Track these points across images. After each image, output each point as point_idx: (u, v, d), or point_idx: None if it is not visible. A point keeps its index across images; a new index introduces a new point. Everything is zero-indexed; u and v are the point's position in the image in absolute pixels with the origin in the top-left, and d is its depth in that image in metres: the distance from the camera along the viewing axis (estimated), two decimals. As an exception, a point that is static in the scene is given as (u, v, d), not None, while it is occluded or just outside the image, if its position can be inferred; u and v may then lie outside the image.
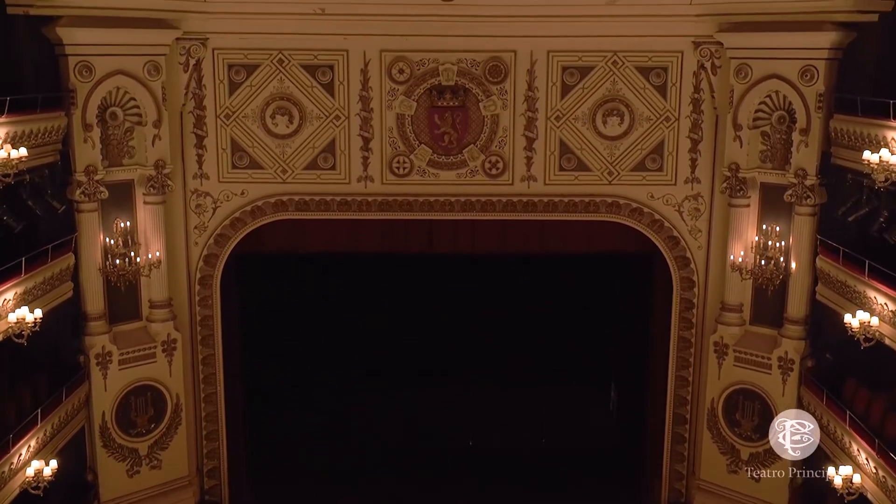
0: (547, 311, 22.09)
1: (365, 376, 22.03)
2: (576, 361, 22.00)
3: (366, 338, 22.08)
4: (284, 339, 21.27)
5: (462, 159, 17.25)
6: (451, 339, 21.98)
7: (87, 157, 15.61)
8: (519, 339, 22.37)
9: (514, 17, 16.18)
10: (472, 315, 21.97)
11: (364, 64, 16.77)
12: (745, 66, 15.98)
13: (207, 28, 16.39)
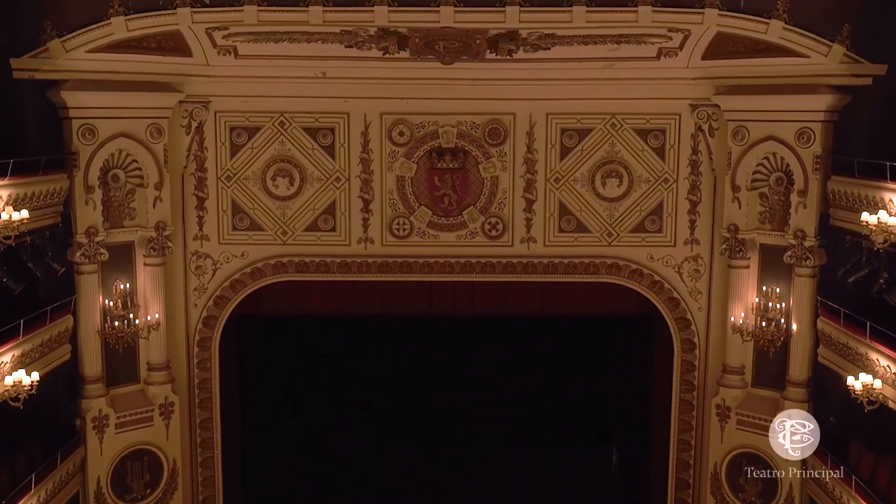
0: (546, 373, 21.92)
1: (364, 438, 21.77)
2: (576, 424, 21.75)
3: (365, 399, 21.88)
4: (284, 401, 21.06)
5: (462, 221, 17.31)
6: (451, 400, 21.78)
7: (88, 218, 15.66)
8: (518, 401, 22.17)
9: (513, 80, 16.38)
10: (472, 376, 21.80)
11: (365, 126, 16.93)
12: (743, 129, 16.12)
13: (210, 91, 16.58)
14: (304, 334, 20.38)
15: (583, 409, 21.74)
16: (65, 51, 14.54)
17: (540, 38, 15.33)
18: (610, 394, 21.33)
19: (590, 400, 21.55)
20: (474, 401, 21.93)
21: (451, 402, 21.82)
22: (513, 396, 22.20)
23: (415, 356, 21.48)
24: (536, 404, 22.18)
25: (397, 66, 16.08)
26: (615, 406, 21.37)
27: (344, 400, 21.86)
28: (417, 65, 16.02)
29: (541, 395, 22.14)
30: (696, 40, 15.34)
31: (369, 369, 21.79)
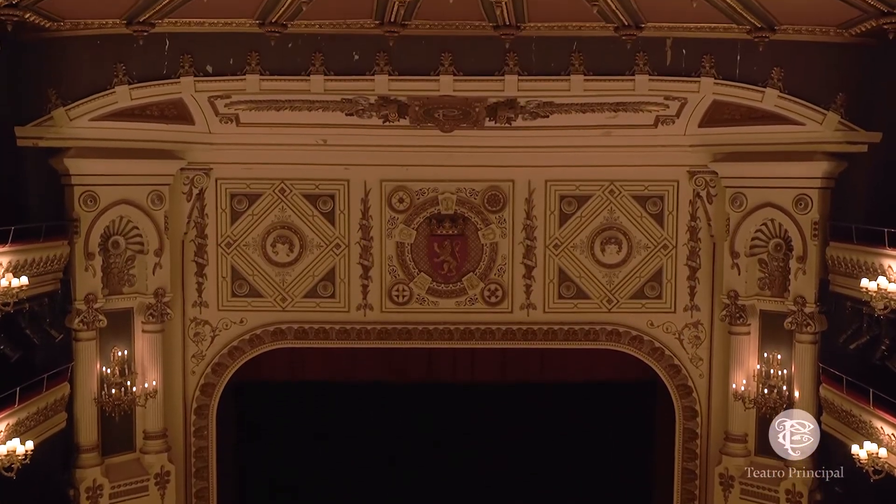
0: (546, 440, 21.62)
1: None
2: (577, 492, 21.38)
3: (364, 467, 21.54)
4: (282, 468, 20.73)
5: (461, 287, 17.29)
6: (450, 468, 21.44)
7: (87, 285, 15.63)
8: (518, 468, 21.80)
9: (512, 147, 16.54)
10: (471, 444, 21.49)
11: (365, 193, 17.04)
12: (740, 195, 16.22)
13: (211, 158, 16.73)
14: (303, 401, 20.14)
15: (583, 477, 21.37)
16: (69, 119, 14.70)
17: (538, 106, 15.53)
18: (611, 461, 21.02)
19: (591, 468, 21.20)
20: (474, 467, 21.58)
21: (451, 470, 21.48)
22: (513, 464, 21.83)
23: (414, 423, 21.23)
24: (536, 472, 21.82)
25: (397, 134, 16.25)
26: (617, 474, 21.04)
27: (343, 468, 21.52)
28: (417, 132, 16.19)
29: (540, 463, 21.77)
30: (693, 108, 15.53)
31: (369, 436, 21.51)
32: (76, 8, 13.27)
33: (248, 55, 14.21)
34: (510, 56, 14.17)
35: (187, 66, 14.31)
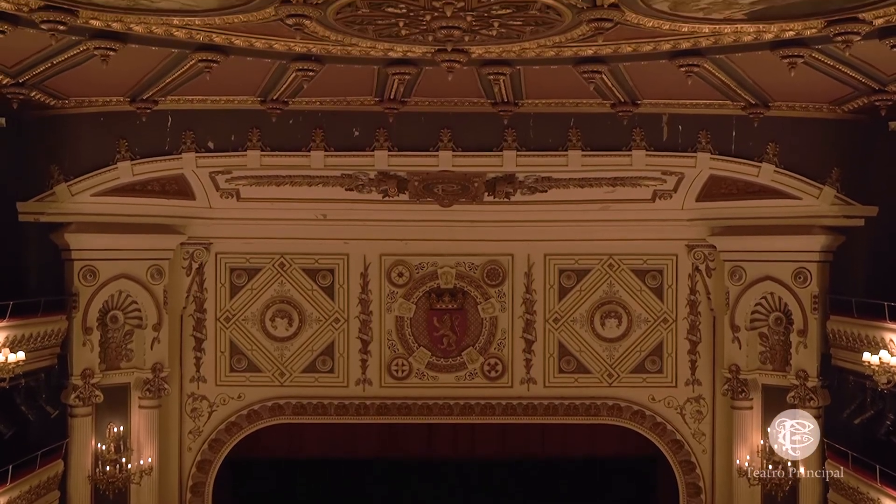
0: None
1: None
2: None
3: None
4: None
5: (461, 361, 17.19)
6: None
7: (84, 360, 15.54)
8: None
9: (511, 221, 16.62)
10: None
11: (364, 267, 17.07)
12: (739, 269, 16.24)
13: (212, 233, 16.80)
14: (301, 478, 19.85)
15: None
16: (70, 194, 14.80)
17: (537, 180, 15.67)
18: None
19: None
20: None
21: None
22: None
23: (414, 499, 20.86)
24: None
25: (397, 209, 16.35)
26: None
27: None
28: (417, 207, 16.29)
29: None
30: (690, 183, 15.66)
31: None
32: (81, 86, 13.46)
33: (250, 131, 14.39)
34: (508, 132, 14.35)
35: (189, 142, 14.48)
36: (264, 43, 10.87)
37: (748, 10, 9.37)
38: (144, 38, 10.56)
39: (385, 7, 9.55)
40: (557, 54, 11.37)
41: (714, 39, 10.53)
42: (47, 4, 9.21)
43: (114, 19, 9.89)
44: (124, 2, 9.28)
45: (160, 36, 10.48)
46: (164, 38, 10.62)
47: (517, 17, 9.88)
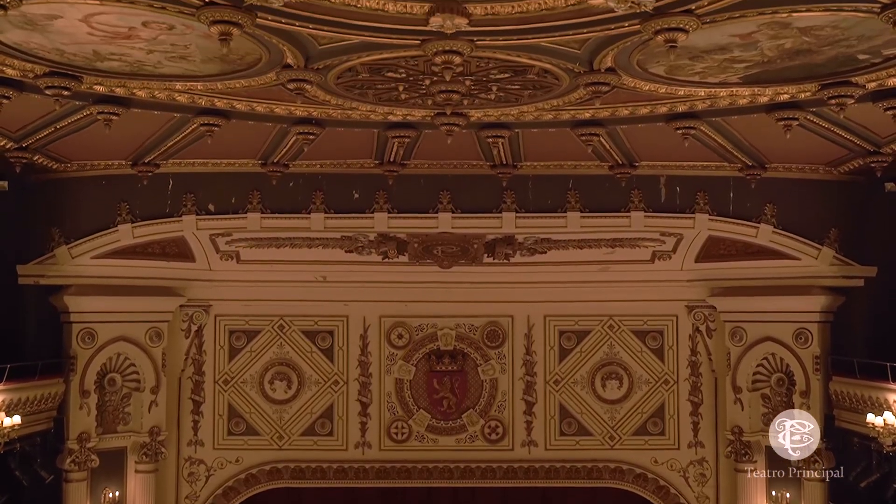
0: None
1: None
2: None
3: None
4: None
5: (461, 424, 17.03)
6: None
7: (81, 423, 15.39)
8: None
9: (511, 283, 16.62)
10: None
11: (364, 329, 17.01)
12: (740, 330, 16.18)
13: (211, 295, 16.78)
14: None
15: None
16: (71, 257, 14.82)
17: (536, 242, 15.70)
18: None
19: None
20: None
21: None
22: None
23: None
24: None
25: (396, 270, 16.35)
26: None
27: None
28: (416, 268, 16.30)
29: None
30: (689, 244, 15.69)
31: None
32: (83, 150, 13.58)
33: (250, 194, 14.47)
34: (507, 194, 14.43)
35: (190, 204, 14.55)
36: (265, 107, 11.01)
37: (743, 73, 9.52)
38: (147, 102, 10.70)
39: (385, 72, 9.69)
40: (555, 117, 11.51)
41: (710, 102, 10.68)
42: (52, 70, 9.36)
43: (117, 84, 10.03)
44: (128, 67, 9.43)
45: (163, 100, 10.62)
46: (166, 103, 10.77)
47: (515, 82, 10.03)
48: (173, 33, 8.32)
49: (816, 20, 7.85)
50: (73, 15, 7.81)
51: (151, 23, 8.03)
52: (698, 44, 8.47)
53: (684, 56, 8.93)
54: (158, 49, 8.82)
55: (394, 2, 7.43)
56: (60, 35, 8.36)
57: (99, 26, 8.12)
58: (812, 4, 7.43)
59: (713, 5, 7.35)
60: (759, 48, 8.67)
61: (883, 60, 8.95)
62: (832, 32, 8.17)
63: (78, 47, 8.73)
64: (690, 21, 7.55)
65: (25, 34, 8.37)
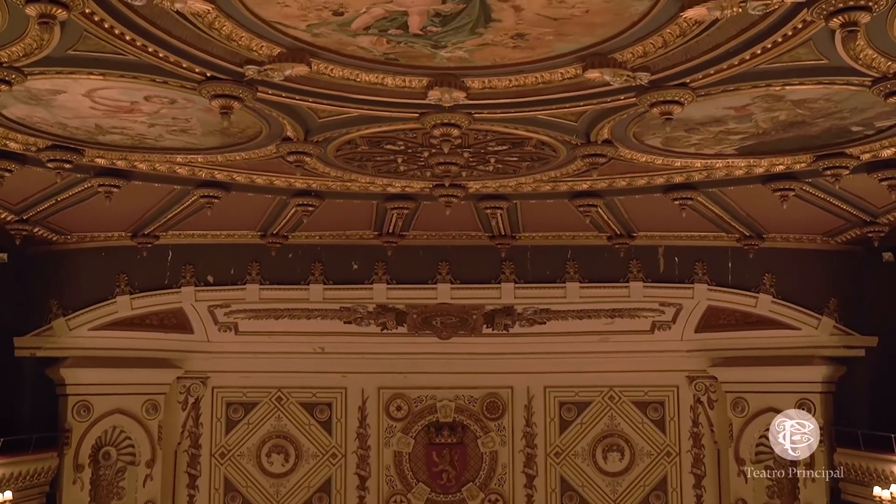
0: None
1: None
2: None
3: None
4: None
5: (461, 498, 16.75)
6: None
7: (74, 499, 15.11)
8: None
9: (510, 354, 16.53)
10: None
11: (362, 401, 16.85)
12: (741, 400, 16.03)
13: (209, 367, 16.66)
14: None
15: None
16: (68, 329, 14.76)
17: (535, 312, 15.67)
18: None
19: None
20: None
21: None
22: None
23: None
24: None
25: (395, 342, 16.28)
26: None
27: None
28: (415, 340, 16.23)
29: None
30: (689, 314, 15.65)
31: None
32: (83, 222, 13.64)
33: (249, 265, 14.49)
34: (506, 265, 14.45)
35: (189, 276, 14.55)
36: (265, 179, 11.10)
37: (738, 145, 9.62)
38: (148, 175, 10.79)
39: (384, 144, 9.80)
40: (553, 189, 11.59)
41: (706, 173, 10.77)
42: (55, 144, 9.45)
43: (119, 157, 10.12)
44: (129, 140, 9.53)
45: (163, 173, 10.71)
46: (167, 175, 10.85)
47: (513, 154, 10.13)
48: (175, 107, 8.43)
49: (809, 93, 7.96)
50: (76, 90, 7.93)
51: (153, 97, 8.15)
52: (694, 116, 8.58)
53: (680, 128, 9.04)
54: (160, 122, 8.92)
55: (392, 76, 7.55)
56: (63, 109, 8.47)
57: (101, 101, 8.23)
58: (805, 78, 7.55)
59: (707, 79, 7.47)
60: (754, 120, 8.79)
61: (876, 132, 9.05)
62: (825, 105, 8.29)
63: (80, 121, 8.83)
64: (685, 94, 7.66)
65: (29, 108, 8.48)
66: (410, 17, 6.37)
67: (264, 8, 6.23)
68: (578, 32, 6.63)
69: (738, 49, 6.85)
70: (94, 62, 7.23)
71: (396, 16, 6.34)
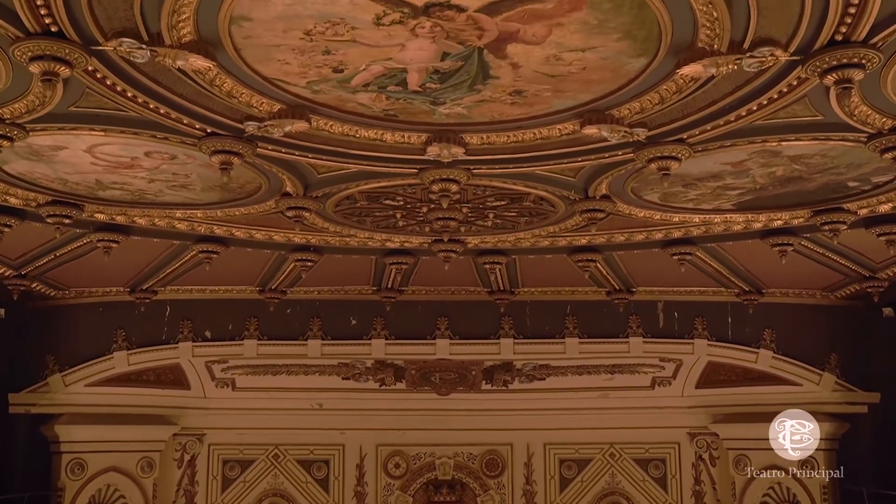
0: None
1: None
2: None
3: None
4: None
5: (460, 558, 16.48)
6: None
7: (66, 560, 14.88)
8: None
9: (509, 410, 16.40)
10: None
11: (360, 458, 16.67)
12: (744, 458, 15.85)
13: (205, 424, 16.51)
14: None
15: None
16: (64, 385, 14.64)
17: (535, 368, 15.59)
18: None
19: None
20: None
21: None
22: None
23: None
24: None
25: (394, 398, 16.17)
26: None
27: None
28: (414, 396, 16.11)
29: None
30: (689, 369, 15.57)
31: None
32: (82, 277, 13.64)
33: (247, 321, 14.45)
34: (505, 320, 14.42)
35: (186, 331, 14.50)
36: (264, 234, 11.12)
37: (736, 200, 9.65)
38: (147, 230, 10.81)
39: (383, 199, 9.83)
40: (552, 244, 11.61)
41: (705, 229, 10.79)
42: (55, 199, 9.49)
43: (118, 213, 10.15)
44: (129, 196, 9.56)
45: (162, 228, 10.73)
46: (166, 231, 10.87)
47: (512, 209, 10.17)
48: (175, 163, 8.48)
49: (806, 149, 8.02)
50: (77, 145, 7.98)
51: (154, 152, 8.19)
52: (691, 171, 8.63)
53: (678, 183, 9.08)
54: (160, 178, 8.97)
55: (392, 132, 7.60)
56: (64, 165, 8.51)
57: (102, 156, 8.28)
58: (801, 134, 7.60)
59: (704, 135, 7.53)
60: (751, 175, 8.83)
61: (873, 187, 9.09)
62: (822, 161, 8.34)
63: (81, 176, 8.87)
64: (682, 150, 7.71)
65: (30, 164, 8.52)
66: (409, 74, 6.44)
67: (265, 65, 6.30)
68: (576, 89, 6.70)
69: (735, 105, 6.91)
70: (95, 118, 7.28)
71: (396, 73, 6.41)
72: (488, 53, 6.11)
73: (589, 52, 6.06)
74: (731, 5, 5.37)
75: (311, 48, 6.01)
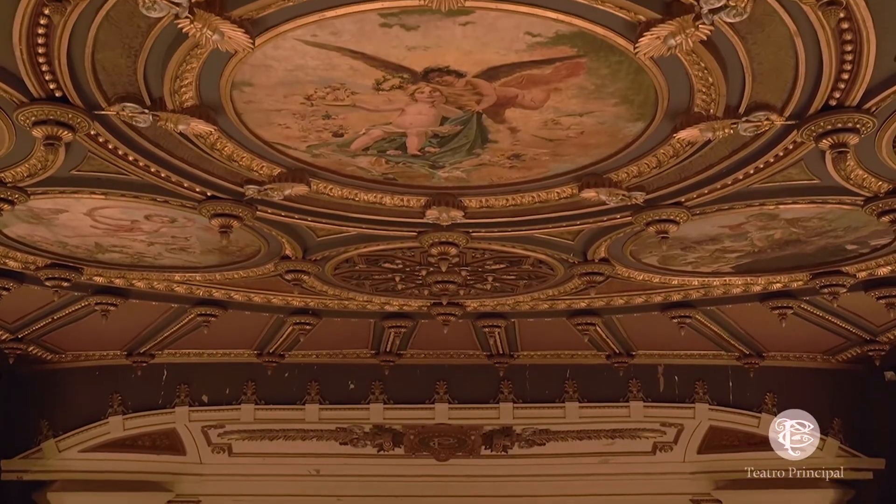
0: None
1: None
2: None
3: None
4: None
5: None
6: None
7: None
8: None
9: (509, 476, 16.14)
10: None
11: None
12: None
13: (201, 490, 16.20)
14: None
15: None
16: (58, 451, 14.46)
17: (534, 433, 15.43)
18: None
19: None
20: None
21: None
22: None
23: None
24: None
25: (392, 463, 15.93)
26: None
27: None
28: (412, 461, 15.88)
29: None
30: (690, 434, 15.39)
31: None
32: (78, 341, 13.56)
33: (245, 385, 14.35)
34: (504, 384, 14.32)
35: (183, 395, 14.39)
36: (263, 297, 11.10)
37: (735, 263, 9.67)
38: (145, 293, 10.80)
39: (382, 263, 9.84)
40: (551, 307, 11.59)
41: (704, 292, 10.78)
42: (54, 262, 9.49)
43: (117, 276, 10.15)
44: (128, 259, 9.57)
45: (161, 291, 10.72)
46: (164, 294, 10.85)
47: (511, 272, 10.17)
48: (175, 226, 8.51)
49: (803, 212, 8.06)
50: (77, 209, 8.01)
51: (154, 216, 8.22)
52: (690, 234, 8.66)
53: (676, 246, 9.10)
54: (159, 241, 8.98)
55: (391, 195, 7.64)
56: (64, 228, 8.53)
57: (102, 219, 8.31)
58: (798, 197, 7.64)
59: (702, 198, 7.57)
60: (750, 238, 8.86)
61: (871, 250, 9.11)
62: (819, 224, 8.37)
63: (81, 239, 8.89)
64: (680, 213, 7.74)
65: (30, 227, 8.54)
66: (409, 139, 6.50)
67: (266, 129, 6.36)
68: (574, 153, 6.75)
69: (732, 169, 6.96)
70: (96, 182, 7.32)
71: (395, 137, 6.47)
72: (487, 118, 6.17)
73: (586, 116, 6.13)
74: (727, 71, 5.44)
75: (311, 113, 6.07)
